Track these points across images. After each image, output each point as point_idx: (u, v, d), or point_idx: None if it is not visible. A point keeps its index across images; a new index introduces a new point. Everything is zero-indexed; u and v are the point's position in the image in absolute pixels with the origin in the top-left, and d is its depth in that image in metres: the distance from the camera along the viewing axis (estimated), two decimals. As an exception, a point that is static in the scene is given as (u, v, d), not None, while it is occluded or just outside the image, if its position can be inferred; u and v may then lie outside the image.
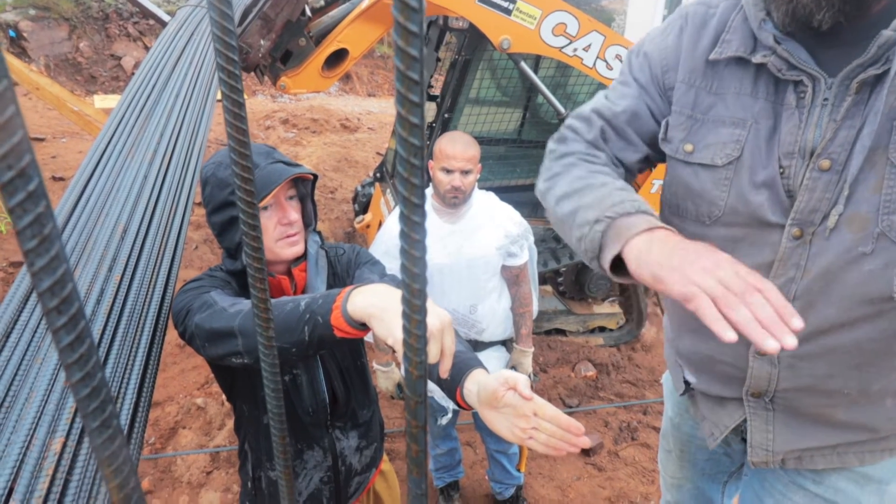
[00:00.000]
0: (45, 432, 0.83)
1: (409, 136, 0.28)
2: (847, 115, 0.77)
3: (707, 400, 1.12)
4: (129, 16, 8.54)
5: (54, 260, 0.23)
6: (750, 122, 0.87)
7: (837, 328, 0.87)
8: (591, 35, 2.75)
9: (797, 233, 0.85)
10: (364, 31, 2.65)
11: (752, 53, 0.85)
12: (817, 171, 0.81)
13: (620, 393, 3.20)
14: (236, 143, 0.43)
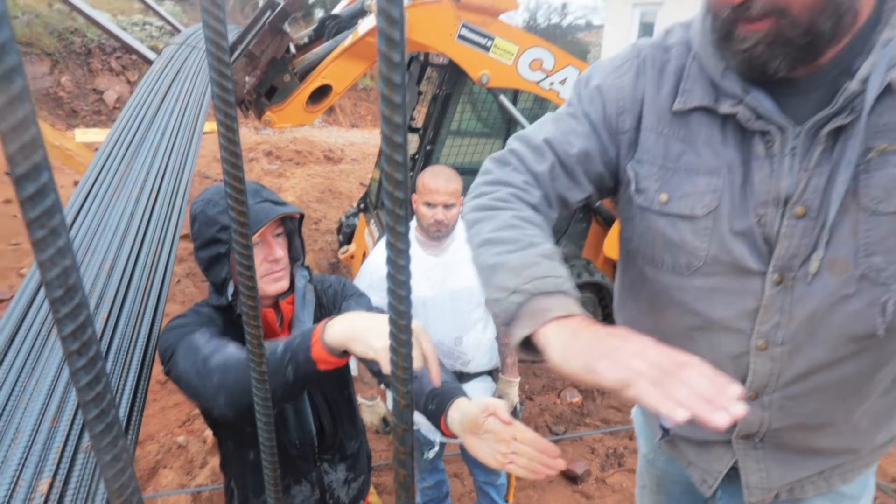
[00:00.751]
0: (32, 473, 0.82)
1: (393, 171, 0.31)
2: (818, 163, 0.79)
3: (690, 445, 1.10)
4: (112, 50, 8.61)
5: (60, 251, 0.26)
6: (724, 170, 0.86)
7: (825, 367, 0.88)
8: (567, 69, 2.86)
9: (777, 279, 0.85)
10: (347, 68, 2.72)
11: (716, 103, 0.84)
12: (794, 219, 0.82)
13: (606, 419, 3.22)
14: (232, 188, 0.46)
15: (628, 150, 0.93)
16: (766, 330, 0.88)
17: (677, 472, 1.21)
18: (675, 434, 1.11)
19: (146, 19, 9.96)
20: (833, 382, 0.88)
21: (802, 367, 0.88)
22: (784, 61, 0.75)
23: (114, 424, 0.29)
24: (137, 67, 8.86)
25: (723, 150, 0.85)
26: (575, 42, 27.67)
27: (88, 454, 0.90)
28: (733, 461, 1.03)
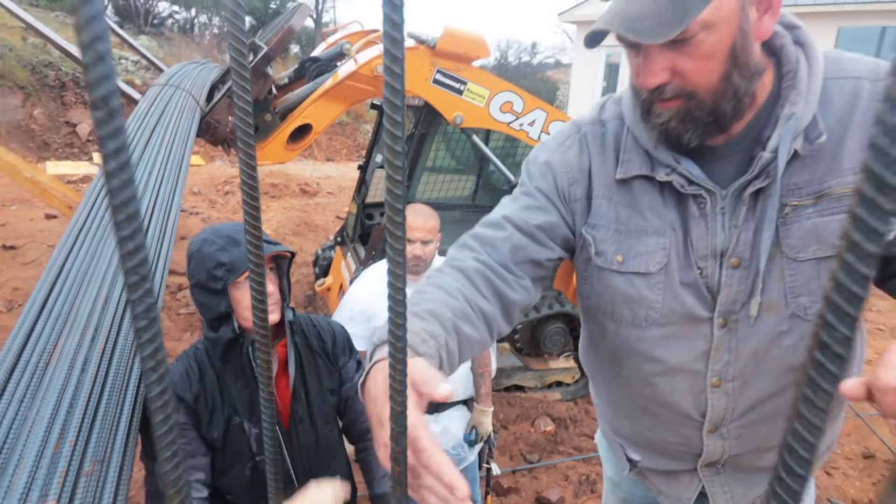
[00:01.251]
0: (38, 496, 0.88)
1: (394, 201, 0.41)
2: (744, 220, 0.91)
3: (658, 475, 1.18)
4: (87, 84, 8.61)
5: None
6: (669, 230, 0.95)
7: (772, 396, 0.99)
8: (535, 112, 3.03)
9: (722, 322, 0.95)
10: (327, 109, 2.84)
11: (653, 171, 0.94)
12: (731, 269, 0.92)
13: (579, 446, 3.29)
14: (251, 224, 0.55)
15: (581, 216, 1.03)
16: (718, 368, 0.98)
17: (642, 494, 1.30)
18: (642, 466, 1.19)
19: (121, 53, 10.01)
20: (780, 408, 0.99)
21: (752, 398, 0.99)
22: (694, 134, 0.88)
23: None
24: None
25: (665, 213, 0.96)
26: (544, 80, 28.63)
27: (89, 479, 0.95)
28: (700, 487, 1.12)
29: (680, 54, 0.82)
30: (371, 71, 2.70)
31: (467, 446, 2.09)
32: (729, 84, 0.84)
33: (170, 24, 17.31)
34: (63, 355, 1.13)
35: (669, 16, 0.78)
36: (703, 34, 0.80)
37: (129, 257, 0.32)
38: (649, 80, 0.85)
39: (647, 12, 0.79)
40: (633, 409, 1.14)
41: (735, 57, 0.82)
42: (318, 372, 1.36)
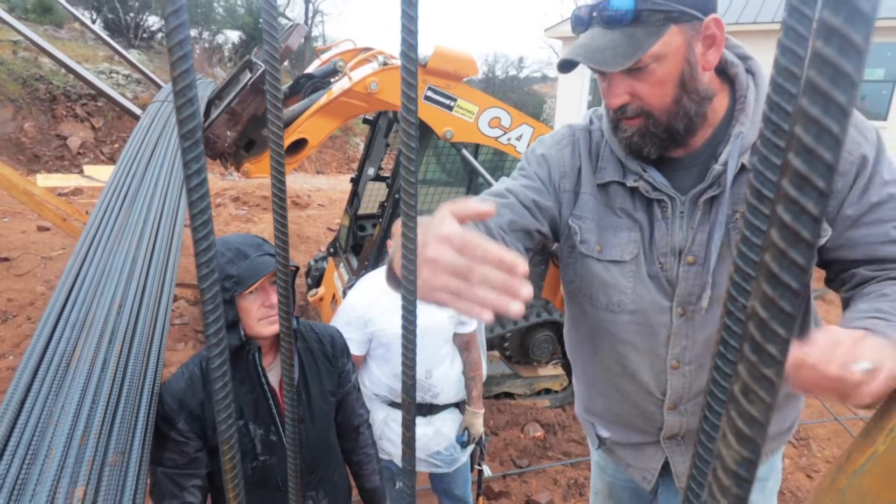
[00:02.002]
0: (68, 482, 0.96)
1: (408, 200, 0.50)
2: (700, 223, 1.06)
3: (626, 448, 1.30)
4: (78, 97, 8.65)
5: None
6: (638, 227, 1.11)
7: None
8: (522, 127, 3.16)
9: (681, 312, 1.10)
10: (322, 124, 2.94)
11: (625, 178, 1.10)
12: (687, 266, 1.06)
13: (567, 451, 3.38)
14: (280, 231, 0.64)
15: (568, 207, 1.17)
16: (676, 353, 1.12)
17: (625, 478, 1.40)
18: (610, 442, 1.32)
19: (112, 67, 10.07)
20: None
21: (705, 379, 1.10)
22: (652, 147, 1.03)
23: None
24: (103, 114, 8.91)
25: (634, 213, 1.11)
26: (531, 93, 29.01)
27: (112, 468, 1.03)
28: (664, 459, 1.24)
29: (637, 81, 0.97)
30: (365, 88, 2.81)
31: (459, 447, 2.17)
32: (680, 106, 0.99)
33: (159, 38, 17.38)
34: (83, 357, 1.21)
35: (624, 49, 0.94)
36: (654, 64, 0.95)
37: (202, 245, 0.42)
38: (613, 101, 1.01)
39: (606, 46, 0.95)
40: (605, 387, 1.27)
41: (684, 83, 0.98)
42: (319, 375, 1.43)
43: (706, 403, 0.39)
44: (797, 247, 0.22)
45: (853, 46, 0.20)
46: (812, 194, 0.21)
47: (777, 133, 0.33)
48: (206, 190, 0.43)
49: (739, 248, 0.37)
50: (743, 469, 0.25)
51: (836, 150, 0.21)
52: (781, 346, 0.23)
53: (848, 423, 3.84)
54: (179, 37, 0.38)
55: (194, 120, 0.40)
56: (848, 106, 0.21)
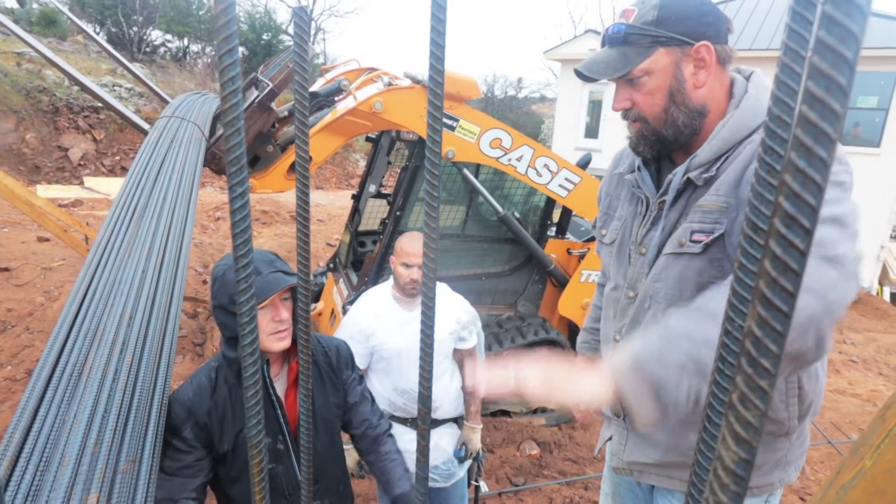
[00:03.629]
0: (82, 489, 0.98)
1: (431, 201, 0.54)
2: (653, 222, 1.25)
3: (605, 420, 1.50)
4: (80, 109, 8.72)
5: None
6: (625, 219, 1.35)
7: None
8: (523, 148, 3.22)
9: (630, 294, 1.30)
10: (326, 142, 3.00)
11: (629, 173, 1.33)
12: (638, 255, 1.28)
13: (563, 470, 3.38)
14: (302, 246, 0.68)
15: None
16: (618, 327, 1.33)
17: (628, 480, 1.47)
18: (604, 414, 1.50)
19: (115, 80, 10.16)
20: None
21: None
22: (646, 148, 1.23)
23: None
24: (104, 126, 8.97)
25: (629, 206, 1.35)
26: (530, 113, 29.31)
27: (124, 476, 1.05)
28: (611, 434, 1.42)
29: (634, 90, 1.19)
30: (370, 107, 2.87)
31: (457, 462, 2.19)
32: (668, 115, 1.17)
33: (162, 52, 17.56)
34: (94, 367, 1.24)
35: (615, 63, 1.16)
36: (644, 77, 1.16)
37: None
38: (615, 105, 1.23)
39: (602, 60, 1.18)
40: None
41: (672, 96, 1.16)
42: (324, 386, 1.46)
43: (705, 415, 0.43)
44: (787, 275, 0.26)
45: (833, 112, 0.24)
46: (799, 232, 0.25)
47: (770, 173, 0.37)
48: (248, 212, 0.46)
49: (736, 274, 0.41)
50: (740, 468, 0.29)
51: (818, 195, 0.25)
52: (774, 360, 0.27)
53: (841, 446, 3.86)
54: (231, 73, 0.42)
55: (240, 148, 0.44)
56: (829, 160, 0.25)
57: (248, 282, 0.48)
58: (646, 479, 1.36)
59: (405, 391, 2.06)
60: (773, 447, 1.26)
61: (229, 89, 0.43)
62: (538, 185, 3.33)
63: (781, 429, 1.23)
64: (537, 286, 3.87)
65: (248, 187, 0.47)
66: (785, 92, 0.34)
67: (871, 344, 6.45)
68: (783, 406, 1.22)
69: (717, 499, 0.29)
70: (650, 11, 1.13)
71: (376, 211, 4.30)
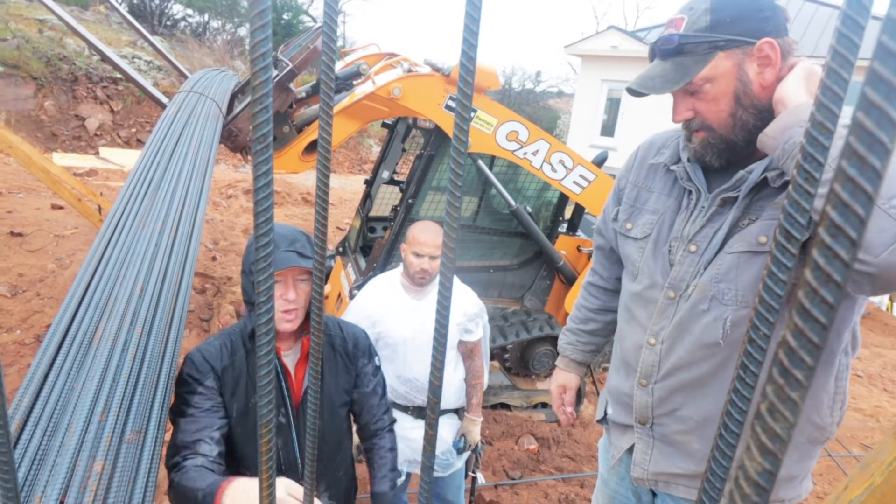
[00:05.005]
0: (88, 456, 0.99)
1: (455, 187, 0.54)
2: (711, 218, 1.17)
3: (616, 428, 1.42)
4: (99, 80, 8.75)
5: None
6: (661, 212, 1.27)
7: (687, 365, 1.20)
8: (539, 142, 3.20)
9: (672, 294, 1.21)
10: (343, 125, 2.99)
11: (672, 164, 1.27)
12: (686, 252, 1.20)
13: (560, 466, 3.39)
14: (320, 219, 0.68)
15: (619, 199, 1.43)
16: (656, 330, 1.24)
17: (625, 494, 1.44)
18: (610, 420, 1.44)
19: (135, 52, 10.18)
20: (694, 380, 1.21)
21: (673, 363, 1.21)
22: (714, 157, 1.17)
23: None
24: (122, 98, 9.00)
25: (666, 200, 1.27)
26: (546, 108, 29.10)
27: (129, 446, 1.06)
28: (632, 443, 1.34)
29: (696, 99, 1.14)
30: (388, 93, 2.86)
31: (455, 453, 2.20)
32: (736, 119, 1.12)
33: (182, 26, 17.55)
34: (105, 336, 1.25)
35: (672, 76, 1.11)
36: (707, 85, 1.11)
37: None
38: (676, 117, 1.18)
39: (657, 74, 1.13)
40: (615, 360, 1.41)
41: (738, 99, 1.10)
42: (336, 369, 1.46)
43: (722, 423, 0.42)
44: (828, 286, 0.25)
45: (891, 121, 0.24)
46: (845, 243, 0.25)
47: (808, 180, 0.36)
48: (271, 191, 0.46)
49: (765, 282, 0.40)
50: (763, 479, 0.28)
51: (867, 206, 0.24)
52: (807, 372, 0.26)
53: (842, 460, 3.84)
54: (263, 49, 0.42)
55: (266, 126, 0.44)
56: (882, 171, 0.24)
57: (267, 261, 0.48)
58: (673, 491, 1.29)
59: (408, 380, 2.06)
60: (811, 454, 1.23)
61: (260, 66, 0.42)
62: (552, 180, 3.31)
63: (823, 435, 1.20)
64: (545, 282, 3.86)
65: (271, 166, 0.46)
66: (830, 98, 0.33)
67: (878, 360, 6.39)
68: (829, 412, 1.18)
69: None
70: (702, 17, 1.09)
71: (388, 197, 4.29)
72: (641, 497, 1.43)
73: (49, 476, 0.94)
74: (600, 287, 1.61)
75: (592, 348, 1.65)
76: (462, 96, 0.46)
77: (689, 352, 1.19)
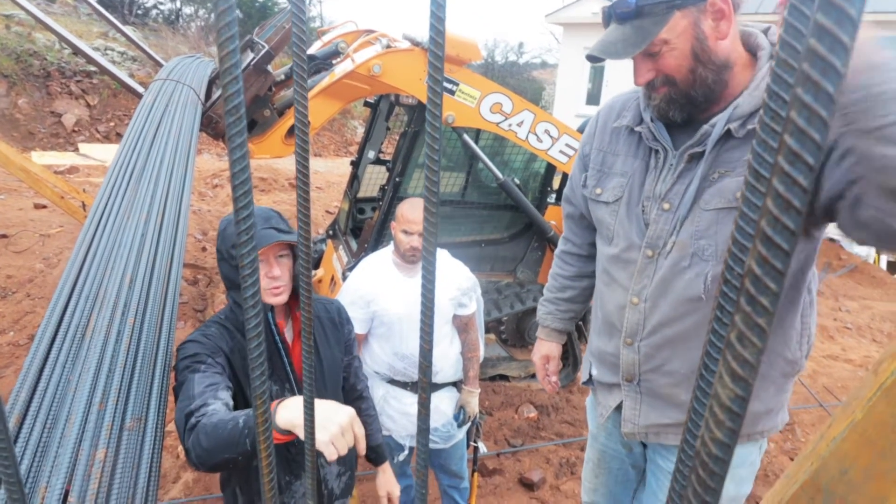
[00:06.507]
0: (90, 445, 1.00)
1: (431, 170, 0.54)
2: (680, 175, 1.20)
3: (602, 388, 1.46)
4: (73, 74, 8.55)
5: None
6: (630, 174, 1.30)
7: (671, 321, 1.24)
8: (524, 113, 3.18)
9: (650, 253, 1.24)
10: (324, 106, 2.95)
11: (636, 125, 1.28)
12: (661, 211, 1.22)
13: (560, 432, 3.46)
14: (302, 205, 0.68)
15: (586, 165, 1.43)
16: (637, 289, 1.28)
17: (614, 447, 1.49)
18: (596, 380, 1.49)
19: (107, 44, 9.94)
20: (678, 335, 1.24)
21: (657, 320, 1.25)
22: (676, 112, 1.18)
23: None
24: (98, 91, 8.82)
25: (633, 162, 1.30)
26: (531, 79, 28.80)
27: (130, 433, 1.07)
28: (620, 400, 1.39)
29: (656, 60, 1.16)
30: (368, 70, 2.82)
31: (456, 424, 2.23)
32: (696, 75, 1.14)
33: (154, 14, 17.12)
34: (97, 328, 1.25)
35: (633, 39, 1.12)
36: (665, 47, 1.12)
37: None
38: (639, 80, 1.20)
39: (618, 39, 1.13)
40: (596, 323, 1.45)
41: (697, 56, 1.12)
42: (328, 340, 1.49)
43: (702, 362, 0.43)
44: (788, 213, 0.26)
45: (842, 45, 0.24)
46: (803, 169, 0.25)
47: (775, 119, 0.37)
48: (248, 163, 0.46)
49: (737, 223, 0.41)
50: (736, 405, 0.29)
51: (823, 131, 0.25)
52: (772, 298, 0.27)
53: (832, 409, 3.94)
54: (228, 18, 0.41)
55: (238, 97, 0.44)
56: (835, 96, 0.25)
57: (249, 233, 0.48)
58: (664, 440, 1.35)
59: (405, 356, 2.08)
60: (785, 388, 1.29)
61: (226, 35, 0.42)
62: (539, 150, 3.30)
63: (794, 368, 1.26)
64: (536, 253, 3.88)
65: (245, 137, 0.46)
66: (793, 35, 0.33)
67: (866, 311, 6.51)
68: (798, 346, 1.24)
69: (712, 435, 0.30)
70: None
71: (375, 177, 4.26)
72: (632, 449, 1.49)
73: (52, 466, 0.95)
74: (573, 254, 1.63)
75: (571, 315, 1.68)
76: (433, 58, 0.45)
77: (672, 307, 1.22)
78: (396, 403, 2.14)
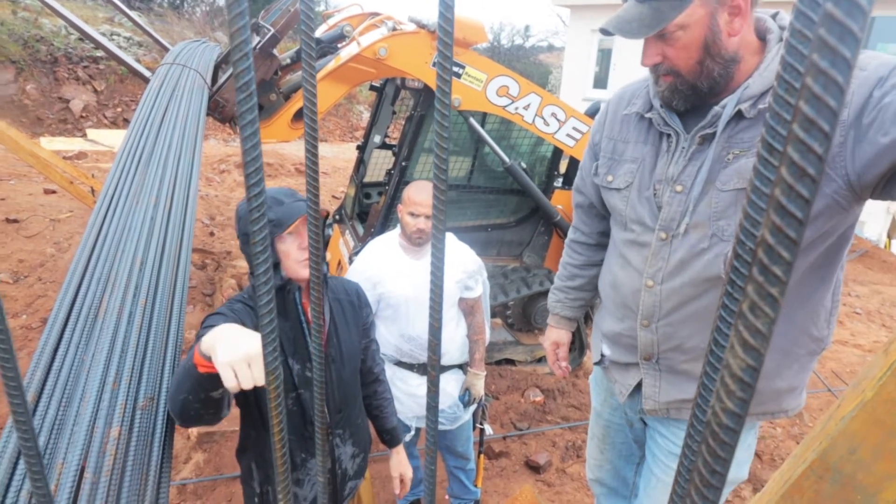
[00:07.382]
0: (104, 423, 1.02)
1: (440, 164, 0.54)
2: (692, 157, 1.20)
3: (617, 367, 1.48)
4: (79, 60, 8.54)
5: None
6: (640, 160, 1.31)
7: (691, 300, 1.25)
8: (530, 96, 3.16)
9: (664, 235, 1.25)
10: (330, 90, 2.94)
11: (647, 112, 1.30)
12: (674, 193, 1.23)
13: (566, 416, 3.48)
14: (311, 184, 0.68)
15: (597, 154, 1.46)
16: (652, 272, 1.28)
17: (619, 422, 1.51)
18: (609, 360, 1.50)
19: (113, 29, 9.92)
20: (698, 312, 1.25)
21: (675, 301, 1.26)
22: (680, 101, 1.20)
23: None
24: (105, 77, 8.81)
25: (643, 148, 1.31)
26: (537, 63, 28.49)
27: (143, 412, 1.09)
28: (639, 379, 1.40)
29: (666, 45, 1.15)
30: (374, 53, 2.80)
31: (462, 406, 2.25)
32: (703, 67, 1.14)
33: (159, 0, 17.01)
34: (109, 310, 1.27)
35: (649, 20, 1.10)
36: (679, 32, 1.11)
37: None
38: (646, 61, 1.19)
39: (634, 17, 1.12)
40: (609, 304, 1.46)
41: (707, 48, 1.12)
42: (347, 321, 1.50)
43: (713, 336, 0.43)
44: (803, 181, 0.26)
45: (860, 8, 0.24)
46: (818, 136, 0.25)
47: (789, 91, 0.36)
48: (258, 141, 0.46)
49: (749, 197, 0.41)
50: (747, 375, 0.29)
51: (839, 98, 0.25)
52: (786, 268, 0.27)
53: (841, 394, 3.94)
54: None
55: (248, 74, 0.44)
56: (853, 61, 0.24)
57: (260, 211, 0.48)
58: (685, 416, 1.36)
59: (412, 338, 2.09)
60: (808, 366, 1.29)
61: (236, 11, 0.42)
62: (545, 134, 3.28)
63: (820, 346, 1.26)
64: (543, 237, 3.87)
65: (256, 115, 0.46)
66: (808, 5, 0.33)
67: (876, 297, 6.47)
68: (826, 324, 1.24)
69: (723, 405, 0.30)
70: None
71: (381, 162, 4.25)
72: (633, 424, 1.51)
73: (68, 443, 0.97)
74: (583, 243, 1.64)
75: (581, 303, 1.69)
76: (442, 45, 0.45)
77: (692, 287, 1.23)
78: (403, 385, 2.16)
